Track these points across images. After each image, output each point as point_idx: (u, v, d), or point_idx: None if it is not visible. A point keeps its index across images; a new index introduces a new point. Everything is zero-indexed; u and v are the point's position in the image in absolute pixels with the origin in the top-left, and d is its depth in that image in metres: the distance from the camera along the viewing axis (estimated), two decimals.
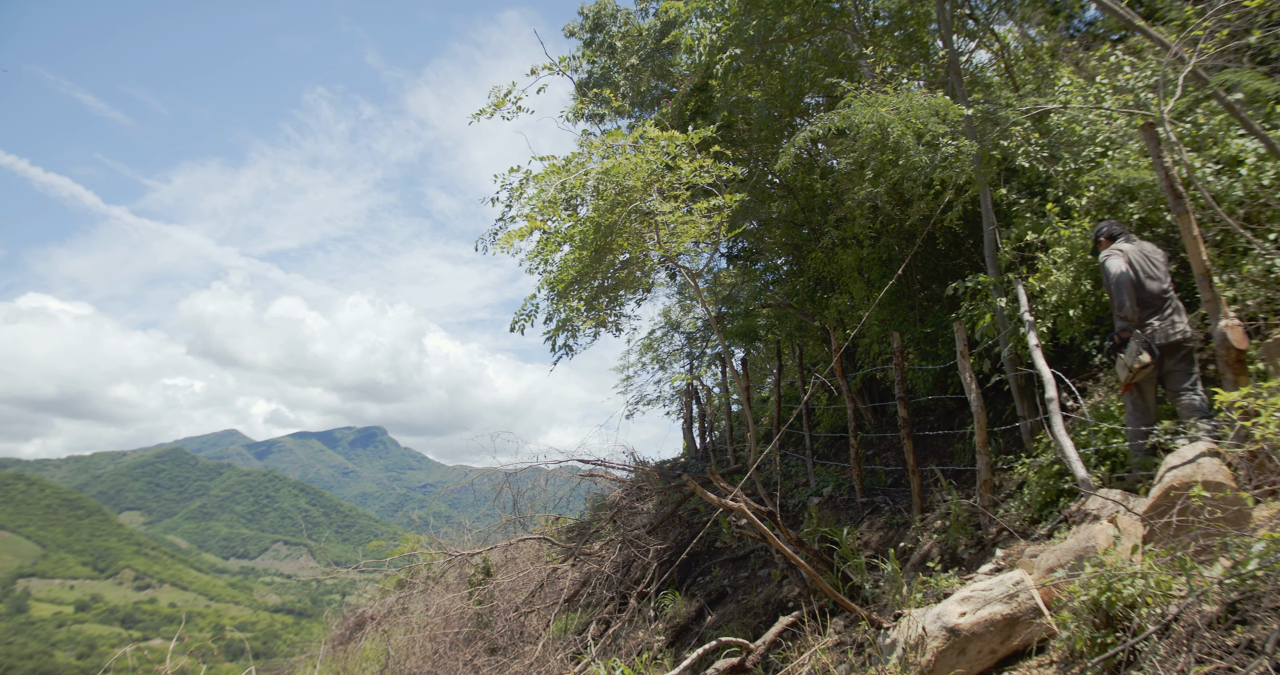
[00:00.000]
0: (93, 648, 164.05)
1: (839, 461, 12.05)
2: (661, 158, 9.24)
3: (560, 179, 9.20)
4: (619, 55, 15.96)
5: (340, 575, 13.46)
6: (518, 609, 10.58)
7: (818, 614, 6.96)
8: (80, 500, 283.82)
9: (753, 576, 10.05)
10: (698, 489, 6.28)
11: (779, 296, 14.62)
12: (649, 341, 22.79)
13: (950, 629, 4.45)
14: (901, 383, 8.59)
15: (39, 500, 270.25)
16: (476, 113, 11.91)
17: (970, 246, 10.17)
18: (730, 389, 17.40)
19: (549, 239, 9.89)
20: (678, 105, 13.10)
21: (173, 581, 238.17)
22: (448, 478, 19.98)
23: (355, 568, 13.15)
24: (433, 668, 9.84)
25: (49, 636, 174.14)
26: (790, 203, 13.08)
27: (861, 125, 7.65)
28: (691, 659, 6.80)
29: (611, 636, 9.72)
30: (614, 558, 11.01)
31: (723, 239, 10.38)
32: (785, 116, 12.56)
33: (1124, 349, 5.84)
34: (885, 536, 8.68)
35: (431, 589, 11.98)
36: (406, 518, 16.43)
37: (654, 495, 12.77)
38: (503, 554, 12.19)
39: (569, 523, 14.79)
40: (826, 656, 5.96)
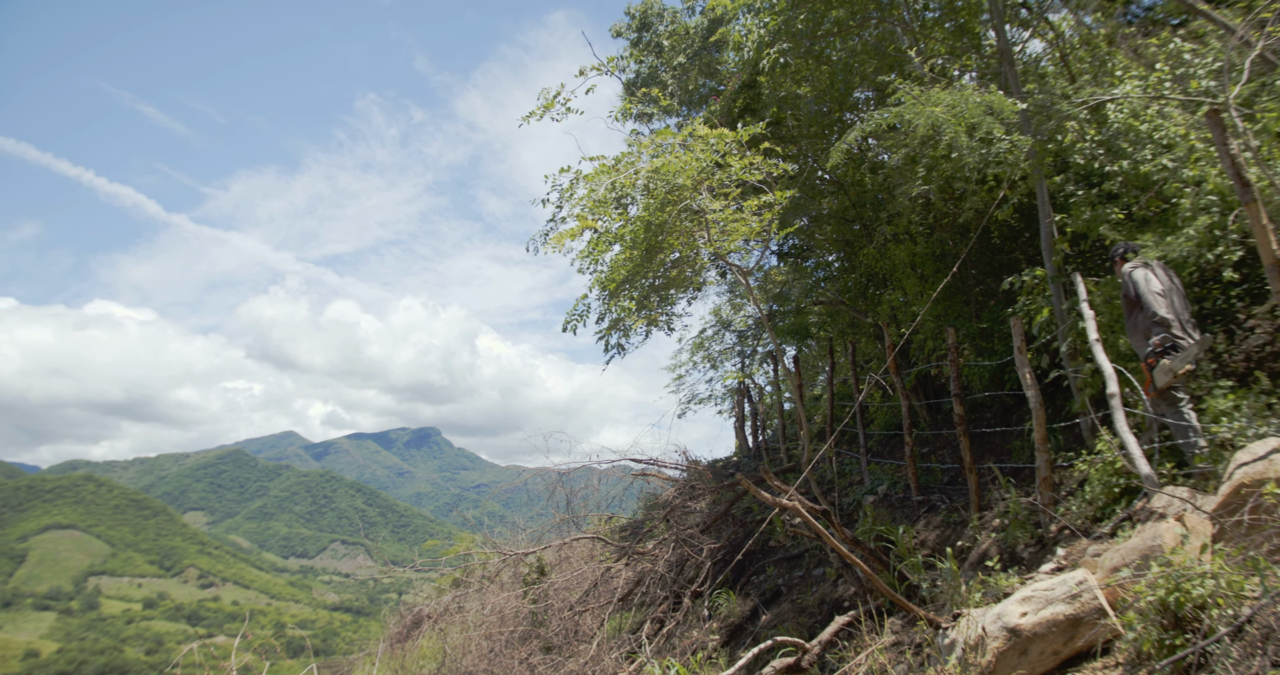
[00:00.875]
0: (160, 644, 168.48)
1: (894, 459, 11.92)
2: (711, 155, 9.21)
3: (610, 178, 9.21)
4: (666, 54, 15.95)
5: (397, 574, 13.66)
6: (572, 608, 10.62)
7: (874, 613, 6.88)
8: (146, 501, 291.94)
9: (807, 576, 9.97)
10: (751, 488, 6.25)
11: (831, 293, 14.50)
12: (700, 340, 22.77)
13: (1011, 629, 4.37)
14: (957, 379, 8.46)
15: (108, 500, 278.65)
16: (526, 115, 11.99)
17: (1026, 240, 9.99)
18: (782, 387, 17.28)
19: (600, 239, 9.92)
20: (726, 102, 13.05)
21: (235, 580, 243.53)
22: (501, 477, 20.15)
23: (411, 567, 13.34)
24: (489, 666, 9.91)
25: (119, 633, 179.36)
26: (841, 199, 12.96)
27: (914, 123, 7.55)
28: (747, 658, 6.77)
29: (666, 636, 9.72)
30: (667, 557, 11.01)
31: (773, 236, 10.31)
32: (834, 112, 12.45)
33: (1168, 354, 6.04)
34: (942, 535, 8.55)
35: (487, 588, 12.08)
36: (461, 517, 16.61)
37: (707, 494, 12.74)
38: (557, 553, 12.24)
39: (622, 522, 14.81)
40: (884, 656, 5.89)
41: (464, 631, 11.26)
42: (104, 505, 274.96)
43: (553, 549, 12.03)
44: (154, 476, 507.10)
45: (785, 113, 12.68)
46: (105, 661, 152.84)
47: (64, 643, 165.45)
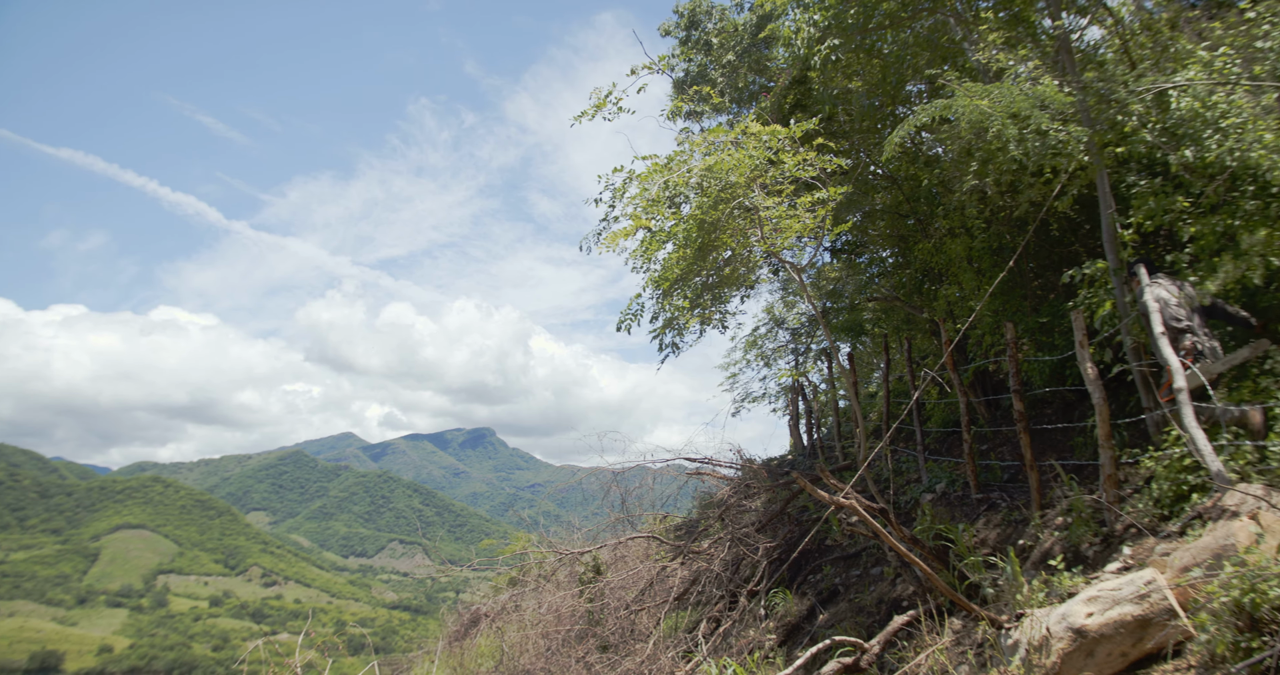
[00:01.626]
0: (226, 641, 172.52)
1: (952, 457, 11.73)
2: (764, 152, 9.15)
3: (663, 177, 9.20)
4: (715, 52, 15.90)
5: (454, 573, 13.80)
6: (628, 607, 10.64)
7: (934, 613, 6.79)
8: (211, 501, 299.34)
9: (865, 575, 9.87)
10: (807, 486, 6.21)
11: (885, 289, 14.33)
12: (753, 338, 22.68)
13: (1077, 630, 4.28)
14: (1016, 375, 8.30)
15: (175, 501, 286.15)
16: (578, 115, 12.04)
17: (1087, 232, 9.76)
18: (837, 384, 17.14)
19: (652, 238, 9.91)
20: (776, 99, 12.96)
21: (297, 578, 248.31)
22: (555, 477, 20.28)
23: (468, 566, 13.45)
24: (546, 664, 9.97)
25: (187, 629, 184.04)
26: (894, 193, 12.80)
27: (962, 119, 7.42)
28: (804, 658, 6.72)
29: (722, 635, 9.68)
30: (723, 556, 10.97)
31: (827, 233, 10.21)
32: (887, 105, 12.30)
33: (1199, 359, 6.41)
34: (1003, 534, 8.40)
35: (543, 587, 12.15)
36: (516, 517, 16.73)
37: (762, 493, 12.67)
38: (612, 552, 12.27)
39: (677, 521, 14.80)
40: (944, 657, 5.81)
41: (521, 630, 11.34)
42: (171, 505, 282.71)
43: (608, 548, 12.05)
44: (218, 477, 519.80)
45: (837, 108, 12.56)
46: (174, 657, 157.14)
47: (135, 639, 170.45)
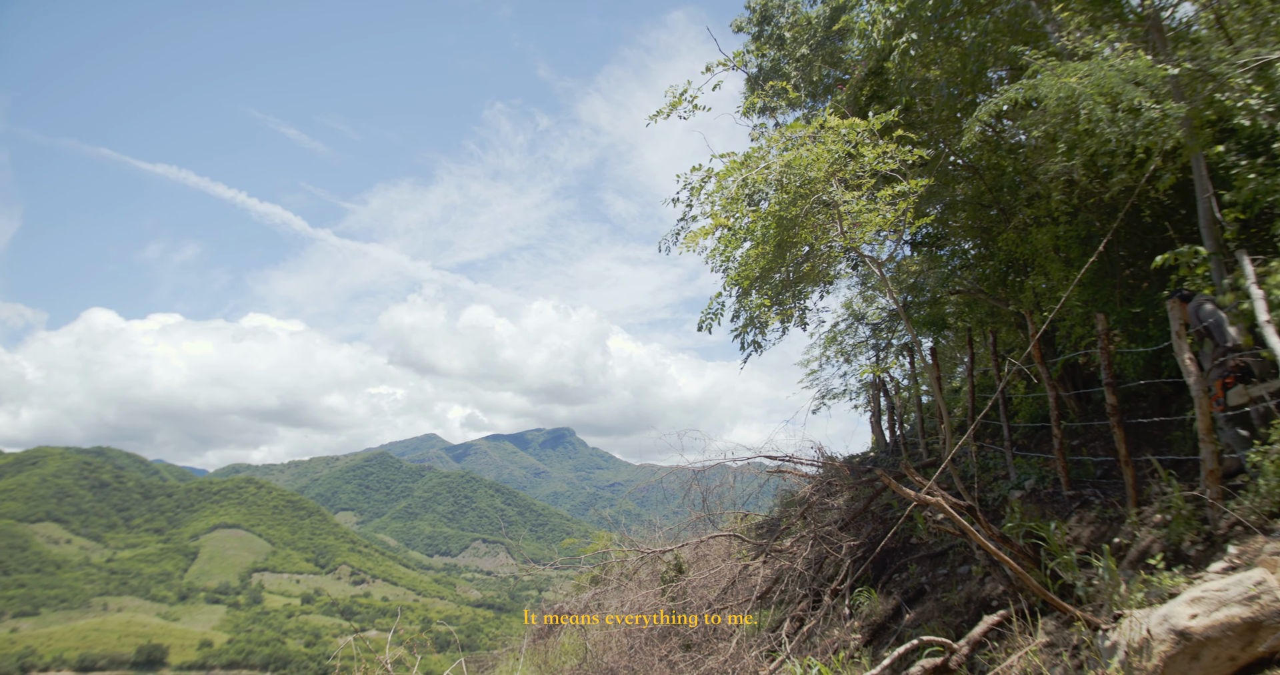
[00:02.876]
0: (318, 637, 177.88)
1: (1041, 453, 11.41)
2: (843, 146, 9.02)
3: (741, 175, 9.15)
4: (788, 46, 15.75)
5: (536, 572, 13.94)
6: (711, 606, 10.60)
7: (1026, 613, 6.59)
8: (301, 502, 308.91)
9: (952, 573, 9.65)
10: (891, 483, 6.09)
11: (968, 282, 14.02)
12: (832, 334, 22.46)
13: (1180, 632, 4.10)
14: (1108, 367, 8.02)
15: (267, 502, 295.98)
16: (654, 114, 12.05)
17: (1182, 217, 9.39)
18: (919, 380, 16.85)
19: (731, 235, 9.86)
20: (852, 91, 12.79)
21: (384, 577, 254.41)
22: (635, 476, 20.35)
23: (550, 565, 13.58)
24: (629, 662, 10.00)
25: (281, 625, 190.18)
26: (976, 183, 12.51)
27: (1049, 97, 7.19)
28: (891, 658, 6.61)
29: (806, 634, 9.58)
30: (805, 554, 10.86)
31: (908, 226, 10.02)
32: (966, 94, 12.01)
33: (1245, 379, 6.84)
34: (1097, 532, 8.12)
35: (625, 585, 12.18)
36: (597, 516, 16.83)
37: (844, 491, 12.50)
38: (693, 551, 12.25)
39: (758, 519, 14.70)
40: (1038, 658, 5.64)
41: (604, 628, 11.39)
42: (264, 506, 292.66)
43: (689, 547, 12.03)
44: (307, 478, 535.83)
45: (914, 98, 12.33)
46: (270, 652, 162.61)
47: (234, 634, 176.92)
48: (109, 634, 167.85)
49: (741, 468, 13.28)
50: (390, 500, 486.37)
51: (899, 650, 6.63)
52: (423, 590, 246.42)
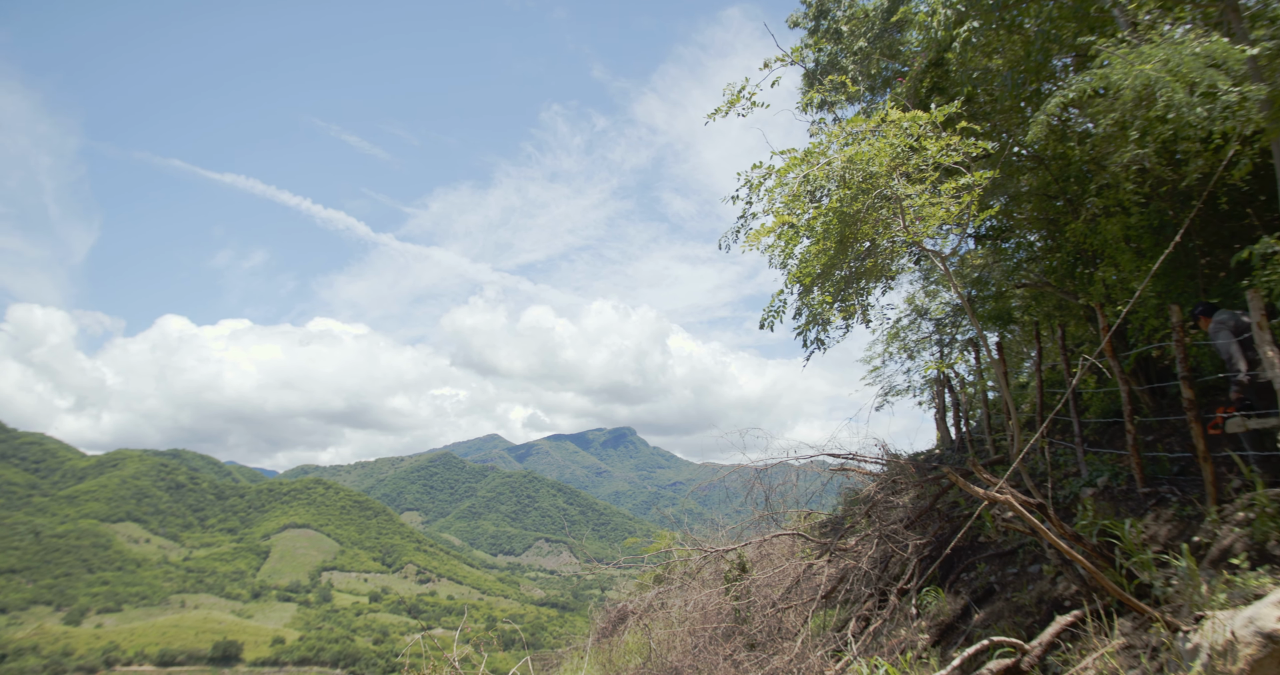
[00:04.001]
0: (385, 634, 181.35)
1: (1113, 449, 11.12)
2: (905, 139, 8.90)
3: (803, 171, 9.08)
4: (845, 39, 15.58)
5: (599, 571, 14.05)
6: (775, 605, 10.55)
7: (1100, 614, 6.42)
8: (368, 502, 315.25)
9: (1022, 573, 9.46)
10: (959, 481, 5.99)
11: (1034, 275, 13.73)
12: (895, 330, 22.22)
13: (1268, 635, 3.96)
14: (1184, 360, 7.78)
15: (335, 502, 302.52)
16: (712, 112, 12.01)
17: (1262, 204, 9.07)
18: (985, 375, 16.56)
19: (794, 232, 9.79)
20: (912, 84, 12.61)
21: (449, 576, 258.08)
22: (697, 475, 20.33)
23: (614, 564, 13.63)
24: (693, 661, 9.99)
25: (349, 623, 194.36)
26: (1041, 174, 12.24)
27: (1122, 84, 6.99)
28: (961, 659, 6.49)
29: (872, 634, 9.48)
30: (871, 553, 10.74)
31: (972, 219, 9.85)
32: (1030, 83, 11.75)
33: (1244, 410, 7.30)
34: (1174, 530, 7.88)
35: (688, 585, 12.18)
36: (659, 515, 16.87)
37: (910, 488, 12.33)
38: (757, 550, 12.20)
39: (821, 518, 14.59)
40: (1115, 660, 5.49)
41: (668, 627, 11.41)
42: (332, 506, 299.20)
43: (753, 546, 11.99)
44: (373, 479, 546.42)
45: (976, 89, 12.11)
46: (339, 650, 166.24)
47: (304, 631, 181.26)
48: (187, 630, 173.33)
49: (804, 466, 13.18)
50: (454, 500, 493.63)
51: (968, 651, 6.52)
52: (487, 589, 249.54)
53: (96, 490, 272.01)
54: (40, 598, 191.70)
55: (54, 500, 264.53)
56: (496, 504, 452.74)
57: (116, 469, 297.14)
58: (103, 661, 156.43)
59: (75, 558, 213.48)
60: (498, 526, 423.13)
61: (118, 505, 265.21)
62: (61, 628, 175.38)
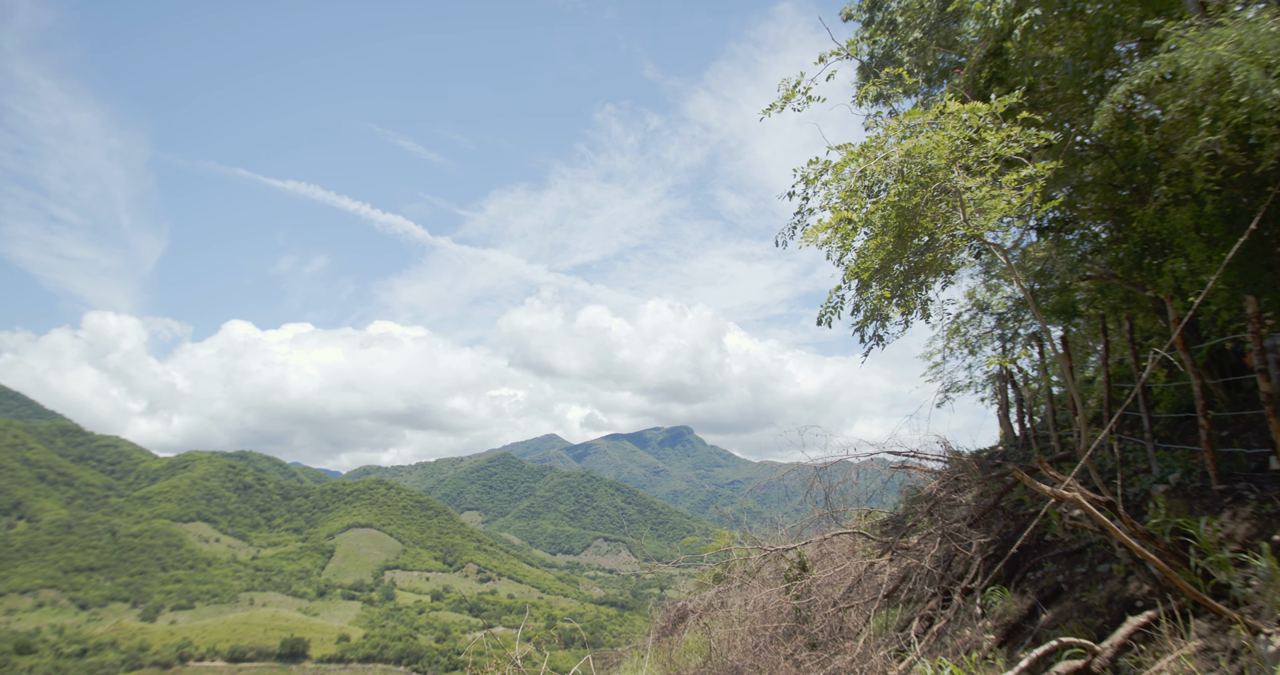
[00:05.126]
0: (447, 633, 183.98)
1: (1186, 445, 10.81)
2: (964, 131, 8.76)
3: (860, 165, 8.99)
4: (900, 31, 15.38)
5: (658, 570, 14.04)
6: (836, 604, 10.46)
7: (1175, 615, 6.23)
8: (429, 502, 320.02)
9: (1091, 572, 9.24)
10: (1024, 478, 5.87)
11: (1100, 266, 13.42)
12: (955, 326, 21.90)
13: None
14: (1261, 353, 7.52)
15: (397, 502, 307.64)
16: (767, 108, 11.94)
17: None
18: (1049, 370, 16.23)
19: (851, 227, 9.69)
20: (970, 74, 12.40)
21: (509, 575, 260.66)
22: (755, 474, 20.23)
23: (673, 563, 13.62)
24: (754, 660, 9.94)
25: (412, 621, 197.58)
26: (1106, 164, 11.94)
27: (1192, 68, 6.77)
28: (1028, 660, 6.34)
29: (936, 634, 9.34)
30: (933, 552, 10.58)
31: (1034, 211, 9.65)
32: (1092, 70, 11.47)
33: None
34: (1253, 528, 7.62)
35: (748, 584, 12.13)
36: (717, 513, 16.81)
37: (973, 486, 12.12)
38: (817, 549, 12.10)
39: (882, 516, 14.43)
40: (1192, 663, 5.33)
41: (728, 626, 11.37)
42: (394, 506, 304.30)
43: (813, 545, 11.90)
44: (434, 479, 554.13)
45: (1037, 78, 11.86)
46: (403, 647, 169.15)
47: (369, 629, 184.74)
48: (256, 627, 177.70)
49: (864, 464, 13.03)
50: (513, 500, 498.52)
51: (1036, 652, 6.37)
52: (547, 588, 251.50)
53: (169, 491, 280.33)
54: (118, 595, 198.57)
55: (129, 501, 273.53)
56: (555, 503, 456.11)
57: (187, 470, 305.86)
58: (177, 657, 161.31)
59: (150, 556, 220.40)
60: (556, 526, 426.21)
61: (189, 505, 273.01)
62: (138, 624, 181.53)
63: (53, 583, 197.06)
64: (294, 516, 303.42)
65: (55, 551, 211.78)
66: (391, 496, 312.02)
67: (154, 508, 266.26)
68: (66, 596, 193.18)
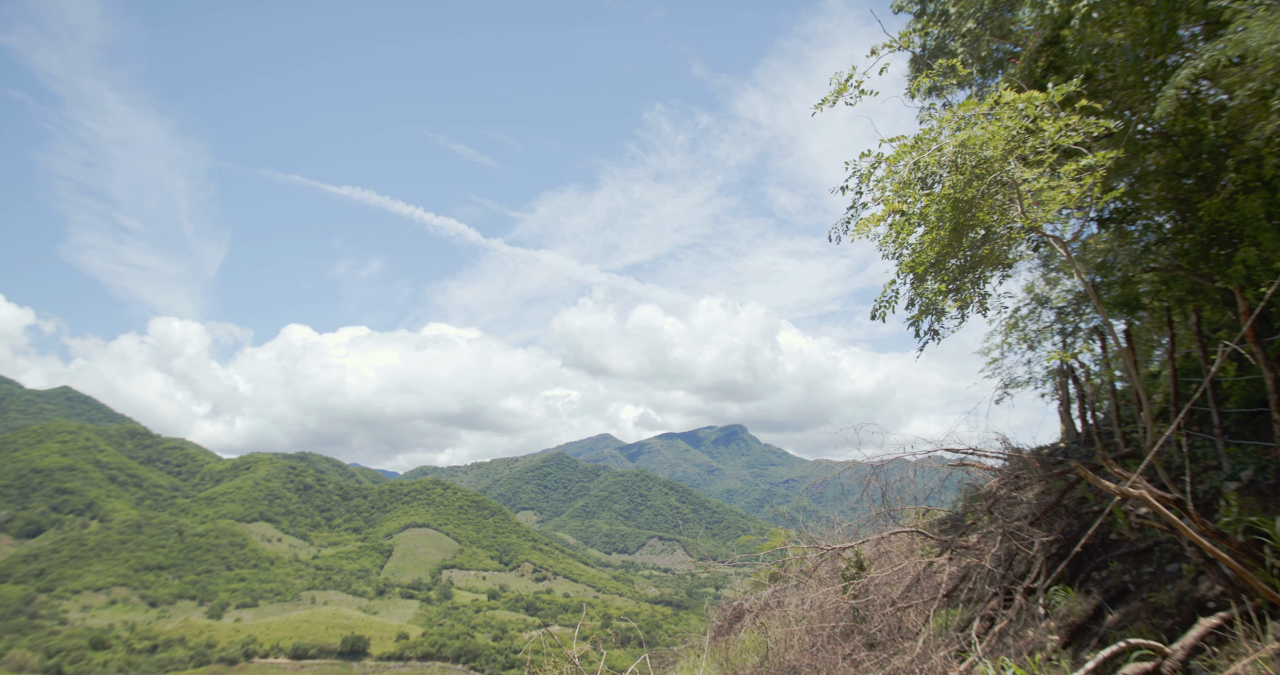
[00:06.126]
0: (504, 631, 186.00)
1: (1258, 440, 10.50)
2: (1020, 122, 8.59)
3: (913, 158, 8.88)
4: (953, 21, 15.13)
5: (714, 569, 13.99)
6: (894, 604, 10.33)
7: (1250, 616, 6.03)
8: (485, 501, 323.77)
9: (1159, 572, 9.00)
10: (1088, 475, 5.73)
11: (1164, 257, 13.07)
12: (1013, 320, 21.53)
13: None
14: None
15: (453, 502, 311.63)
16: (819, 102, 11.84)
17: None
18: (1112, 365, 15.86)
19: (904, 221, 9.58)
20: (1026, 64, 12.17)
21: (565, 574, 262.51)
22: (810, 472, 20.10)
23: (728, 562, 13.57)
24: (811, 660, 9.87)
25: (469, 620, 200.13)
26: (1170, 152, 11.62)
27: (1262, 49, 6.55)
28: (1095, 662, 6.20)
29: (997, 634, 9.19)
30: (994, 551, 10.40)
31: (1094, 202, 9.43)
32: (1155, 55, 11.17)
33: None
34: None
35: (804, 583, 12.04)
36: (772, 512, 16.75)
37: (1034, 484, 11.88)
38: (874, 548, 11.99)
39: (940, 515, 14.22)
40: (1269, 667, 5.15)
41: (785, 626, 11.30)
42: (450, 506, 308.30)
43: (870, 544, 11.79)
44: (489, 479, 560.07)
45: (1096, 65, 11.59)
46: (460, 646, 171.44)
47: (427, 627, 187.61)
48: (317, 625, 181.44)
49: (921, 461, 12.85)
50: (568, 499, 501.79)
51: (1103, 653, 6.22)
52: (602, 587, 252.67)
53: (232, 492, 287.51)
54: (185, 593, 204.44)
55: (195, 501, 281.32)
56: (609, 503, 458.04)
57: (249, 471, 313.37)
58: (242, 654, 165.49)
59: (215, 556, 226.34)
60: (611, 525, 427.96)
61: (251, 506, 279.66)
62: (205, 621, 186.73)
63: (124, 581, 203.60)
64: (353, 516, 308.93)
65: (126, 550, 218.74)
66: (448, 496, 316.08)
67: (218, 508, 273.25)
68: (137, 594, 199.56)
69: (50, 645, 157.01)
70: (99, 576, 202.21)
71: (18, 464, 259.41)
